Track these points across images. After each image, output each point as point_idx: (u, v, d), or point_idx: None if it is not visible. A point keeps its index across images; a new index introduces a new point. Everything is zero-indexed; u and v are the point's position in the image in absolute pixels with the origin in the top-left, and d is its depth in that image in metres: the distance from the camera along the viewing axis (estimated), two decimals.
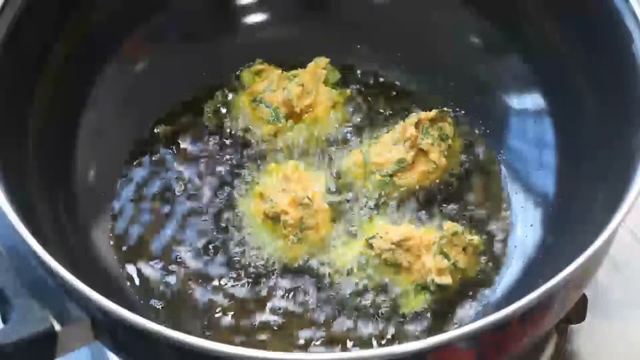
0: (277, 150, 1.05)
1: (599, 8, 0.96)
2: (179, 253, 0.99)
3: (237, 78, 1.10)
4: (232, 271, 0.97)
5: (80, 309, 0.80)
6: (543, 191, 1.03)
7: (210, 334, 0.94)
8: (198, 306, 0.96)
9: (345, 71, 1.10)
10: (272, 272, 0.97)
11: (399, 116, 1.07)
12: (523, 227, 1.01)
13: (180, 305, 0.96)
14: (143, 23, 1.09)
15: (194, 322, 0.95)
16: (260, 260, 0.98)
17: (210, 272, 0.98)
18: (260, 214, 0.99)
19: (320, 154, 1.05)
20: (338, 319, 0.95)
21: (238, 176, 1.04)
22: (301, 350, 0.93)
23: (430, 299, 0.95)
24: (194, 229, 1.00)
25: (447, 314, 0.95)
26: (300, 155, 1.05)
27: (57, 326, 0.80)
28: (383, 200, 1.01)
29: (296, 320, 0.95)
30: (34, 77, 0.97)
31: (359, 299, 0.96)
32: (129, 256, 0.99)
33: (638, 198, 0.84)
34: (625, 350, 1.04)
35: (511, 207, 1.03)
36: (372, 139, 1.05)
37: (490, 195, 1.03)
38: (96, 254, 0.98)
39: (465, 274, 0.97)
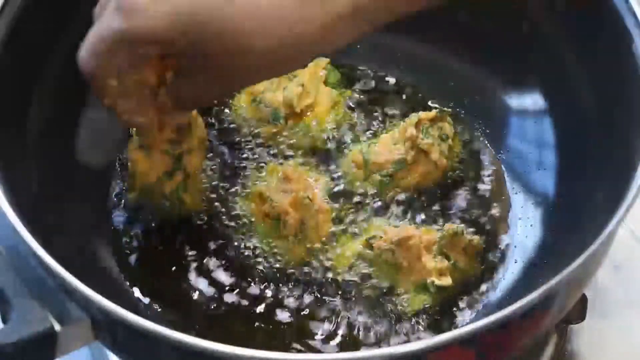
0: (277, 150, 1.05)
1: (599, 8, 0.96)
2: (178, 253, 0.99)
3: None
4: (232, 271, 0.97)
5: (80, 309, 0.80)
6: (543, 191, 1.03)
7: (210, 334, 0.93)
8: (198, 306, 0.96)
9: (345, 71, 1.11)
10: (272, 272, 0.97)
11: (398, 116, 1.07)
12: (523, 227, 1.01)
13: (181, 306, 0.96)
14: None
15: (194, 322, 0.95)
16: (260, 260, 0.98)
17: (210, 272, 0.98)
18: (261, 214, 0.99)
19: (321, 154, 1.05)
20: (338, 319, 0.95)
21: (238, 176, 1.04)
22: (300, 350, 0.93)
23: (430, 299, 0.95)
24: (193, 229, 1.00)
25: (447, 314, 0.95)
26: (301, 155, 1.05)
27: (57, 326, 0.79)
28: (383, 200, 1.01)
29: (296, 320, 0.95)
30: (34, 77, 0.97)
31: (359, 299, 0.96)
32: (129, 256, 0.99)
33: (638, 198, 0.84)
34: (625, 350, 1.04)
35: (511, 207, 1.03)
36: (372, 139, 1.05)
37: (490, 195, 1.03)
38: (96, 254, 0.98)
39: (466, 274, 0.97)
